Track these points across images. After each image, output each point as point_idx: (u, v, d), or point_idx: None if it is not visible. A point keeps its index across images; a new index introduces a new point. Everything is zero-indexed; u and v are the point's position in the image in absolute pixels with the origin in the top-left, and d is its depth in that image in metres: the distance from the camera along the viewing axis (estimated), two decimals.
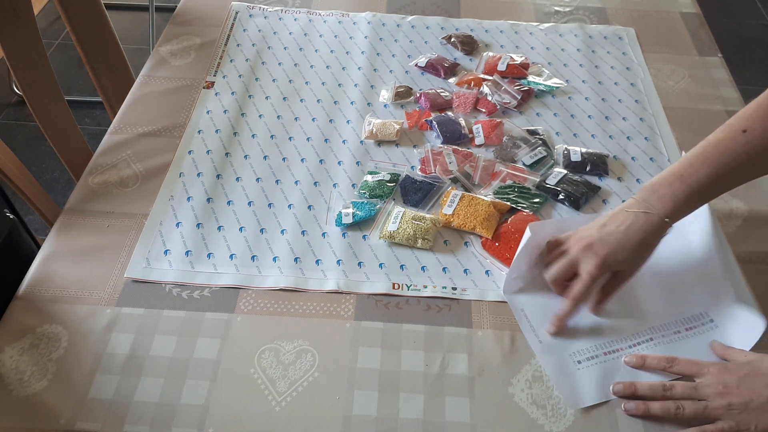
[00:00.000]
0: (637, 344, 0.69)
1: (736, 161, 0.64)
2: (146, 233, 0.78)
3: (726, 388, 0.61)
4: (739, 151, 0.64)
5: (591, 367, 0.67)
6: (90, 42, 1.13)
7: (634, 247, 0.66)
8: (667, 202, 0.65)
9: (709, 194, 0.67)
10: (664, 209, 0.65)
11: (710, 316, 0.70)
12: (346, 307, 0.72)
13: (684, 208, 0.66)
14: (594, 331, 0.70)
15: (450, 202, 0.80)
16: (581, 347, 0.69)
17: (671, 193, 0.66)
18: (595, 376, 0.66)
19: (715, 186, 0.66)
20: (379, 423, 0.62)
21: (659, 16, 1.17)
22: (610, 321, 0.71)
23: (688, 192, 0.65)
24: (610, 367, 0.67)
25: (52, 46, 2.34)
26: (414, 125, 0.94)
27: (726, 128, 0.66)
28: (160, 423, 0.62)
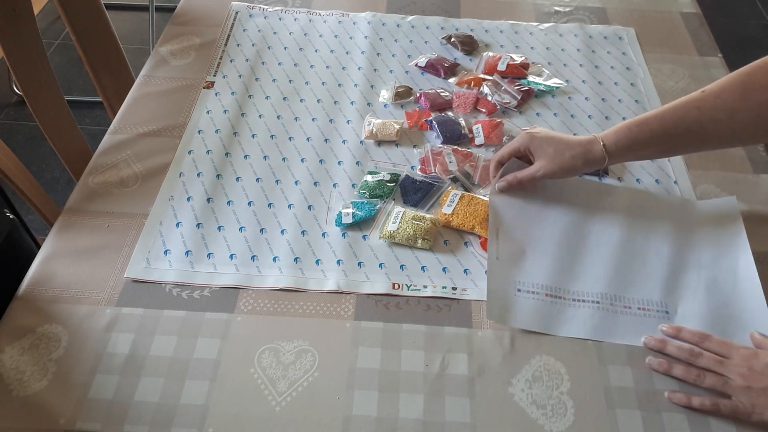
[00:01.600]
0: (580, 300, 0.71)
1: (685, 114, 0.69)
2: (146, 233, 0.78)
3: (750, 371, 0.63)
4: (691, 105, 0.69)
5: (527, 299, 0.71)
6: (90, 42, 1.13)
7: (560, 143, 0.73)
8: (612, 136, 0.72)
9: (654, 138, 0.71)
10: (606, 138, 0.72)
11: (666, 307, 0.71)
12: (346, 307, 0.72)
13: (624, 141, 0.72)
14: (546, 272, 0.74)
15: (450, 202, 0.80)
16: (527, 279, 0.73)
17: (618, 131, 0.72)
18: (526, 306, 0.71)
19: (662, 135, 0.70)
20: (379, 423, 0.62)
21: (659, 16, 1.17)
22: (565, 269, 0.74)
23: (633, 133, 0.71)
24: (543, 307, 0.71)
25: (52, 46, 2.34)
26: (414, 125, 0.94)
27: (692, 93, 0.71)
28: (160, 423, 0.62)
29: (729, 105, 0.67)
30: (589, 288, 0.73)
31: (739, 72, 0.69)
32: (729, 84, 0.68)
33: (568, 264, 0.75)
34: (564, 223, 0.78)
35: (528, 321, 0.70)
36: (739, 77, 0.68)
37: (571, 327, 0.70)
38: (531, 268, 0.74)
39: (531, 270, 0.74)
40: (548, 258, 0.75)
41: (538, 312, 0.71)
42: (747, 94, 0.67)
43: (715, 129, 0.69)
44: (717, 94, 0.68)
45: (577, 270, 0.74)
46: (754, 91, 0.67)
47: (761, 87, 0.66)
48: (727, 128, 0.69)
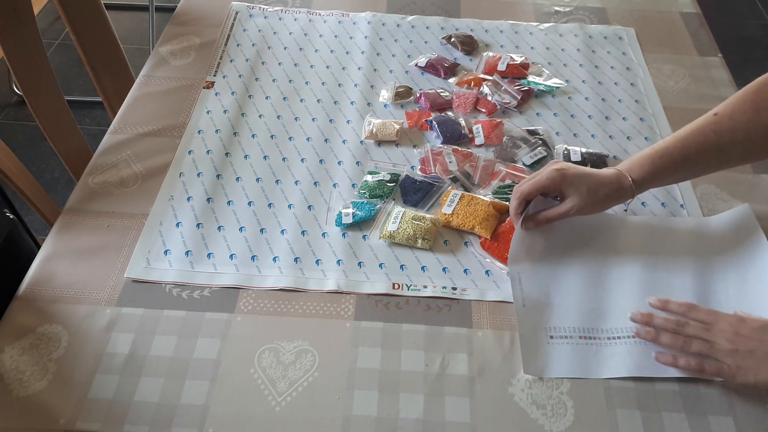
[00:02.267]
0: (616, 338, 0.69)
1: (703, 137, 0.71)
2: (146, 233, 0.78)
3: (736, 336, 0.63)
4: (707, 128, 0.71)
5: (561, 345, 0.68)
6: (90, 42, 1.13)
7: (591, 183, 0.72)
8: (637, 168, 0.72)
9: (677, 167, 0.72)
10: (633, 172, 0.72)
11: None
12: (346, 307, 0.72)
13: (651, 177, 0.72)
14: (575, 314, 0.71)
15: (450, 202, 0.80)
16: (559, 324, 0.70)
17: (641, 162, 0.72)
18: (562, 354, 0.68)
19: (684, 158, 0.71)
20: (379, 423, 0.62)
21: (659, 16, 1.17)
22: (593, 309, 0.71)
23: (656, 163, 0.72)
24: (580, 351, 0.68)
25: (52, 46, 2.34)
26: (414, 125, 0.94)
27: (703, 116, 0.73)
28: (160, 423, 0.62)
29: (744, 125, 0.69)
30: (621, 324, 0.70)
31: (747, 91, 0.71)
32: (740, 104, 0.70)
33: (596, 302, 0.72)
34: (585, 261, 0.76)
35: (567, 369, 0.66)
36: (748, 96, 0.70)
37: (612, 367, 0.67)
38: (559, 312, 0.71)
39: (560, 314, 0.71)
40: (575, 299, 0.72)
41: (575, 358, 0.67)
42: (759, 112, 0.69)
43: (733, 150, 0.71)
44: (730, 115, 0.70)
45: (606, 307, 0.71)
46: (766, 108, 0.69)
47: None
48: (745, 147, 0.71)
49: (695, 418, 0.63)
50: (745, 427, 0.63)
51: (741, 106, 0.70)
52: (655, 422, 0.63)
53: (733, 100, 0.71)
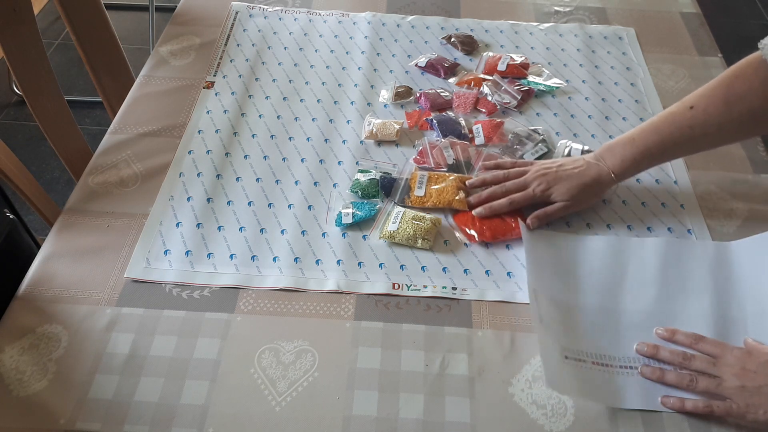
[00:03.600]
0: (628, 367, 0.67)
1: (680, 132, 0.75)
2: (146, 233, 0.78)
3: (743, 371, 0.62)
4: (684, 124, 0.75)
5: (574, 367, 0.66)
6: (90, 42, 1.13)
7: (575, 187, 0.78)
8: (617, 160, 0.78)
9: (654, 159, 0.78)
10: (614, 165, 0.78)
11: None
12: (346, 307, 0.72)
13: (631, 168, 0.78)
14: (589, 338, 0.69)
15: (419, 185, 0.82)
16: (572, 347, 0.68)
17: (622, 153, 0.78)
18: (576, 375, 0.65)
19: (661, 152, 0.77)
20: (379, 423, 0.62)
21: (659, 16, 1.17)
22: (607, 333, 0.69)
23: (635, 154, 0.77)
24: (594, 376, 0.66)
25: (52, 46, 2.34)
26: (414, 125, 0.94)
27: (679, 104, 0.77)
28: (160, 423, 0.62)
29: (716, 119, 0.74)
30: (633, 353, 0.68)
31: (720, 83, 0.74)
32: (713, 98, 0.74)
33: (610, 328, 0.70)
34: (600, 283, 0.74)
35: (586, 391, 0.64)
36: (720, 90, 0.74)
37: (630, 398, 0.64)
38: (574, 334, 0.69)
39: (574, 336, 0.69)
40: (588, 323, 0.70)
41: (591, 382, 0.65)
42: (730, 107, 0.73)
43: (705, 141, 0.77)
44: (704, 109, 0.74)
45: (619, 333, 0.69)
46: (736, 102, 0.73)
47: (741, 98, 0.72)
48: (716, 138, 0.78)
49: (695, 418, 0.63)
50: (745, 426, 0.63)
51: (714, 99, 0.74)
52: (655, 422, 0.63)
53: (707, 92, 0.75)
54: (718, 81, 0.75)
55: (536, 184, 0.79)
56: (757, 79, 0.71)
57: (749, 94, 0.72)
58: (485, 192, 0.80)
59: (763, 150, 0.92)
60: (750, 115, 0.72)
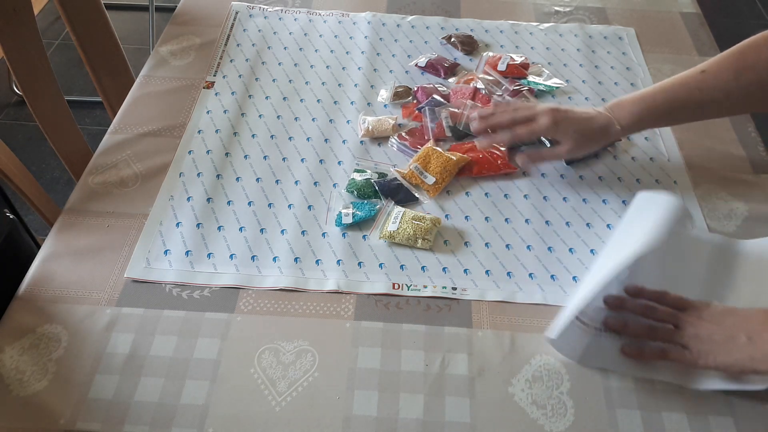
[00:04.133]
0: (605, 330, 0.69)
1: (689, 94, 0.77)
2: (146, 233, 0.78)
3: (699, 320, 0.65)
4: (694, 86, 0.77)
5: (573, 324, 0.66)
6: (90, 42, 1.13)
7: (580, 130, 0.80)
8: (625, 114, 0.80)
9: (661, 118, 0.81)
10: (621, 118, 0.80)
11: None
12: (346, 307, 0.72)
13: (637, 123, 0.80)
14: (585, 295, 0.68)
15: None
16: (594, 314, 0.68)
17: (630, 108, 0.80)
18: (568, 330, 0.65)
19: (668, 112, 0.79)
20: (379, 423, 0.62)
21: (659, 16, 1.17)
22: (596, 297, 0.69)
23: (642, 111, 0.79)
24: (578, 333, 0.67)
25: (52, 46, 2.34)
26: (408, 115, 0.94)
27: (692, 69, 0.79)
28: (160, 423, 0.62)
29: (724, 85, 0.75)
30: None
31: (732, 52, 0.76)
32: (725, 64, 0.76)
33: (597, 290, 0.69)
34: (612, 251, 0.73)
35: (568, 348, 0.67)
36: (732, 58, 0.76)
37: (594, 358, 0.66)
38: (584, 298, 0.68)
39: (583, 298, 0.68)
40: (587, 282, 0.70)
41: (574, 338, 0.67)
42: (740, 75, 0.75)
43: (712, 107, 0.79)
44: (715, 74, 0.76)
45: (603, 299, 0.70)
46: (745, 70, 0.74)
47: (750, 68, 0.74)
48: (723, 106, 0.79)
49: (695, 418, 0.63)
50: (745, 427, 0.63)
51: (726, 67, 0.76)
52: (655, 422, 0.63)
53: (719, 59, 0.77)
54: (731, 50, 0.76)
55: (543, 118, 0.79)
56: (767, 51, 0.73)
57: (758, 64, 0.73)
58: (492, 119, 0.81)
59: (763, 150, 0.92)
60: (758, 86, 0.74)
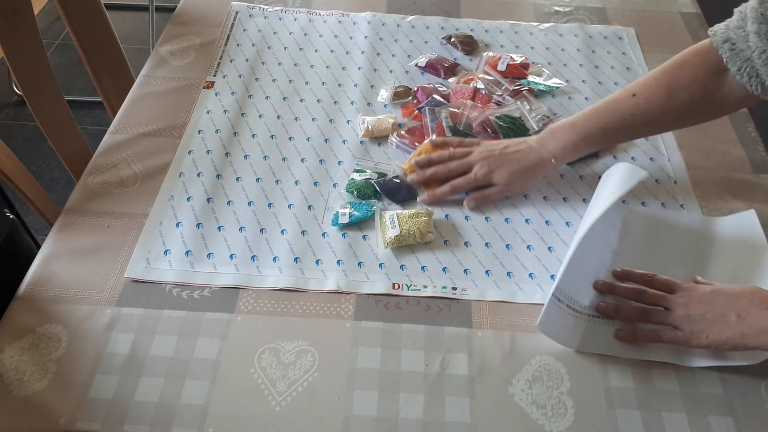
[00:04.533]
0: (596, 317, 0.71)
1: (621, 120, 0.78)
2: (146, 233, 0.78)
3: (690, 301, 0.67)
4: (626, 112, 0.77)
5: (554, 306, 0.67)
6: (90, 42, 1.13)
7: (516, 172, 0.80)
8: (558, 145, 0.80)
9: (595, 143, 0.81)
10: (554, 150, 0.80)
11: None
12: (346, 307, 0.72)
13: (571, 152, 0.81)
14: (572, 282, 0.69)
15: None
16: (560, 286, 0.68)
17: (563, 138, 0.80)
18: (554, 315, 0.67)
19: (601, 138, 0.80)
20: (379, 423, 0.62)
21: (659, 16, 1.17)
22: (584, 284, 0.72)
23: (576, 140, 0.79)
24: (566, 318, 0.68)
25: (52, 46, 2.34)
26: (408, 115, 0.94)
27: (623, 90, 0.79)
28: (160, 423, 0.62)
29: (657, 108, 0.76)
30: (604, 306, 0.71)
31: (663, 72, 0.77)
32: (656, 86, 0.76)
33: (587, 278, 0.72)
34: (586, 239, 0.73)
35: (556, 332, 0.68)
36: (663, 78, 0.76)
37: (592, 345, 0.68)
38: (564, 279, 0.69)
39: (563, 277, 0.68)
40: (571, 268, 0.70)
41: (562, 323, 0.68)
42: (671, 97, 0.75)
43: (645, 128, 0.81)
44: (647, 99, 0.76)
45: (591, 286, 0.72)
46: (677, 92, 0.75)
47: (682, 88, 0.74)
48: (656, 126, 0.81)
49: (695, 418, 0.63)
50: (745, 427, 0.63)
51: (657, 89, 0.76)
52: (655, 422, 0.63)
53: (651, 81, 0.77)
54: (662, 69, 0.77)
55: (478, 167, 0.80)
56: (703, 68, 0.73)
57: (693, 84, 0.74)
58: (429, 171, 0.82)
59: (763, 150, 0.92)
60: (690, 104, 0.75)
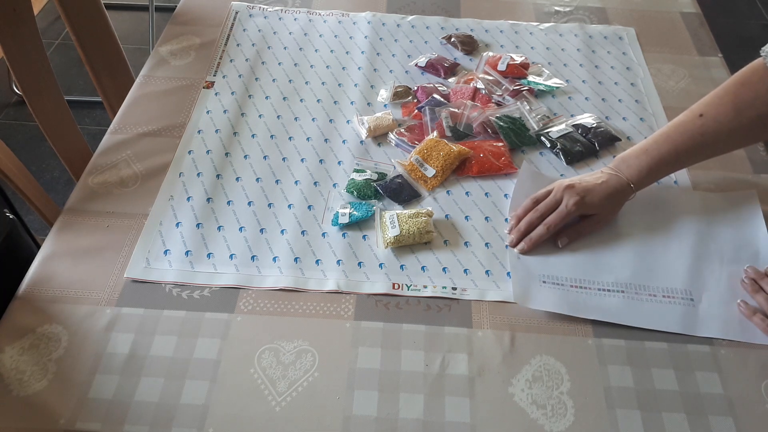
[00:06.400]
0: (606, 290, 0.74)
1: (692, 140, 0.77)
2: (146, 233, 0.78)
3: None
4: (696, 132, 0.76)
5: (552, 289, 0.73)
6: (90, 42, 1.13)
7: (605, 197, 0.78)
8: (633, 171, 0.79)
9: (669, 167, 0.79)
10: (631, 176, 0.79)
11: (691, 295, 0.73)
12: (346, 307, 0.72)
13: (647, 177, 0.79)
14: (571, 267, 0.76)
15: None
16: (552, 273, 0.75)
17: (637, 164, 0.79)
18: (551, 293, 0.73)
19: (675, 161, 0.78)
20: (379, 423, 0.62)
21: (659, 16, 1.17)
22: (589, 263, 0.76)
23: (650, 164, 0.78)
24: (569, 295, 0.73)
25: (52, 46, 2.34)
26: (408, 114, 0.94)
27: (688, 113, 0.78)
28: (160, 423, 0.62)
29: (727, 127, 0.75)
30: (613, 278, 0.75)
31: (727, 90, 0.76)
32: (723, 105, 0.76)
33: (593, 259, 0.77)
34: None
35: (554, 305, 0.71)
36: (728, 97, 0.75)
37: (597, 312, 0.71)
38: (555, 264, 0.76)
39: (556, 266, 0.76)
40: (572, 254, 0.77)
41: (564, 298, 0.72)
42: (740, 113, 0.74)
43: (717, 147, 0.79)
44: (714, 117, 0.76)
45: (602, 263, 0.76)
46: (745, 109, 0.74)
47: (749, 105, 0.74)
48: (727, 144, 0.79)
49: (695, 418, 0.63)
50: (745, 427, 0.63)
51: (723, 107, 0.75)
52: (655, 422, 0.63)
53: (716, 100, 0.76)
54: (724, 89, 0.76)
55: (567, 197, 0.78)
56: (763, 86, 0.73)
57: (756, 101, 0.73)
58: (522, 224, 0.78)
59: (763, 150, 0.92)
60: (759, 121, 0.74)
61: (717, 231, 0.80)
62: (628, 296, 0.73)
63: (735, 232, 0.80)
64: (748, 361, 0.68)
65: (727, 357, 0.68)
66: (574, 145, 0.89)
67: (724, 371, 0.67)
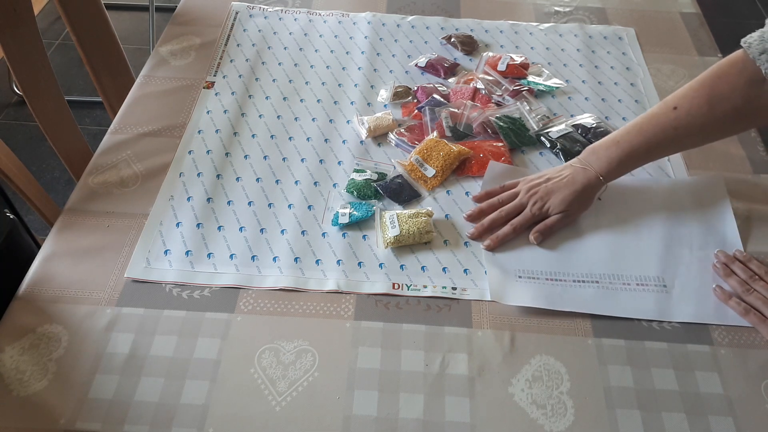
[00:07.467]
0: (581, 281, 0.74)
1: (664, 133, 0.76)
2: (146, 233, 0.78)
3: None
4: (668, 125, 0.76)
5: (527, 283, 0.74)
6: (90, 42, 1.13)
7: (569, 196, 0.78)
8: (603, 163, 0.78)
9: (640, 159, 0.79)
10: (600, 168, 0.78)
11: (663, 282, 0.75)
12: (346, 307, 0.72)
13: (617, 169, 0.78)
14: (545, 261, 0.77)
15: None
16: (527, 268, 0.76)
17: (607, 155, 0.78)
18: (528, 288, 0.73)
19: (646, 153, 0.78)
20: (379, 423, 0.62)
21: (659, 16, 1.17)
22: (563, 257, 0.77)
23: (621, 156, 0.77)
24: (545, 288, 0.73)
25: (52, 46, 2.34)
26: (408, 114, 0.94)
27: (662, 104, 0.77)
28: (160, 423, 0.62)
29: (700, 121, 0.75)
30: (588, 269, 0.75)
31: (702, 83, 0.75)
32: (697, 98, 0.74)
33: (566, 251, 0.78)
34: None
35: (531, 299, 0.72)
36: (703, 90, 0.75)
37: (573, 304, 0.72)
38: (530, 258, 0.77)
39: (530, 260, 0.76)
40: (546, 248, 0.78)
41: (541, 292, 0.73)
42: (713, 108, 0.73)
43: (689, 140, 0.79)
44: (688, 111, 0.75)
45: (575, 255, 0.77)
46: (719, 103, 0.73)
47: (724, 98, 0.73)
48: (700, 138, 0.79)
49: (695, 418, 0.63)
50: (745, 427, 0.63)
51: (698, 101, 0.74)
52: (655, 422, 0.63)
53: (691, 93, 0.75)
54: (700, 81, 0.75)
55: (532, 203, 0.79)
56: (741, 78, 0.72)
57: (733, 94, 0.72)
58: (486, 220, 0.80)
59: (763, 150, 0.92)
60: (733, 114, 0.73)
61: (685, 216, 0.81)
62: (603, 286, 0.74)
63: (703, 217, 0.81)
64: (748, 361, 0.68)
65: (727, 357, 0.68)
66: (574, 145, 0.89)
67: (724, 371, 0.67)
